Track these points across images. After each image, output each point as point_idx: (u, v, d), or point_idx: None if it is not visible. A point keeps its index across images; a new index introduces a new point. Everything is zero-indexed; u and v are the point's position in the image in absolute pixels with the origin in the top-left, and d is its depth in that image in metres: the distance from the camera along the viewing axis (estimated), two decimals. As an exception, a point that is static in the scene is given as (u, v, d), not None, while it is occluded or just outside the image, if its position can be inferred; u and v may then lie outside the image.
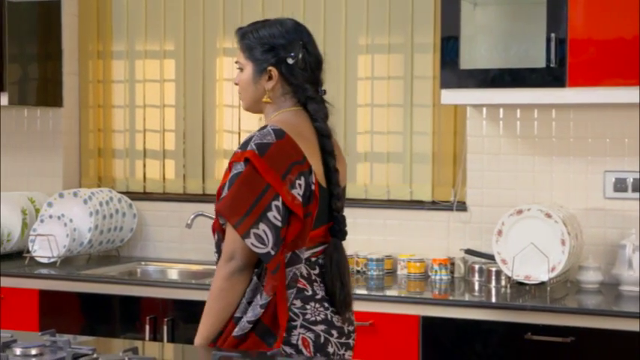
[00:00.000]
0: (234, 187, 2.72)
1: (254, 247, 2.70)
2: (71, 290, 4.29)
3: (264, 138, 2.75)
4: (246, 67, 2.91)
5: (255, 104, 2.94)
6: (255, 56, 2.89)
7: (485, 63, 4.11)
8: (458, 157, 4.45)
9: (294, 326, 2.77)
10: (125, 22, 5.02)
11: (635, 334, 3.47)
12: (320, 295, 2.83)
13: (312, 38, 2.95)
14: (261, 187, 2.71)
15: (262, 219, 2.70)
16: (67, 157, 5.09)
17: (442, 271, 4.23)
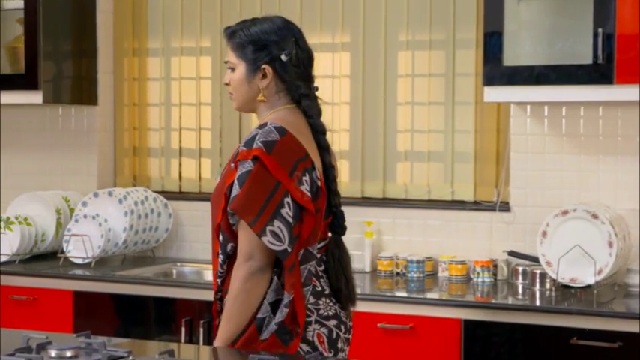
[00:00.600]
0: (246, 186, 2.76)
1: (271, 245, 2.73)
2: (106, 291, 4.29)
3: (269, 136, 2.79)
4: (239, 67, 2.95)
5: (248, 103, 2.98)
6: (248, 55, 2.93)
7: (529, 59, 4.06)
8: (501, 156, 4.41)
9: (309, 322, 2.83)
10: (161, 19, 5.03)
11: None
12: (328, 291, 2.90)
13: (302, 34, 3.01)
14: (272, 185, 2.75)
15: (276, 216, 2.74)
16: (101, 156, 5.10)
17: (485, 274, 4.19)
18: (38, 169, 5.16)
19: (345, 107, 4.67)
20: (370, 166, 4.62)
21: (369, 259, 4.46)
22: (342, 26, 4.66)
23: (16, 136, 5.21)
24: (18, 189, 5.07)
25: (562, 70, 3.87)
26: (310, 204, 2.81)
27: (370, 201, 4.61)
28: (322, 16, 4.68)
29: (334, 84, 4.68)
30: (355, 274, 4.31)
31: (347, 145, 4.67)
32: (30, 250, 4.71)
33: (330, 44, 4.68)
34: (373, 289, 4.15)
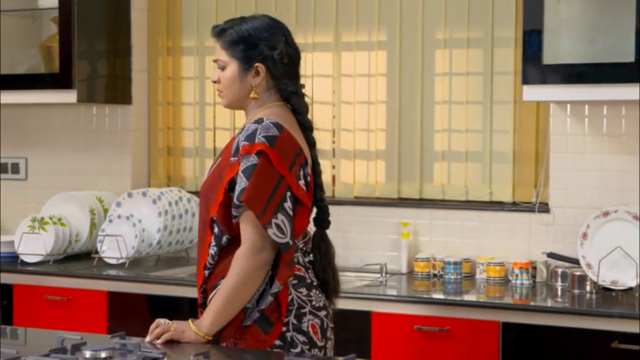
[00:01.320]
0: (253, 179, 2.86)
1: (276, 237, 2.84)
2: (140, 292, 4.32)
3: (268, 131, 2.90)
4: (230, 65, 3.01)
5: (238, 101, 3.06)
6: (241, 53, 3.00)
7: (569, 58, 4.04)
8: (540, 156, 4.39)
9: (303, 313, 2.94)
10: (195, 17, 5.05)
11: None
12: (316, 282, 3.02)
13: (290, 32, 3.09)
14: (275, 179, 2.87)
15: (280, 209, 2.86)
16: (135, 155, 5.13)
17: (523, 276, 4.17)
18: (72, 169, 5.20)
19: (382, 106, 4.67)
20: (407, 166, 4.62)
21: (405, 261, 4.46)
22: (378, 24, 4.66)
23: (50, 136, 5.26)
24: (52, 189, 5.12)
25: (603, 69, 3.85)
26: (307, 198, 2.96)
27: (407, 202, 4.60)
28: (358, 14, 4.69)
29: (370, 83, 4.68)
30: (392, 275, 4.37)
31: (383, 144, 4.67)
32: (64, 251, 4.75)
33: (366, 42, 4.69)
34: (409, 291, 4.15)
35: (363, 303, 3.92)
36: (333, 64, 4.75)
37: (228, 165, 2.93)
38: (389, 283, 4.27)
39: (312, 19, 4.77)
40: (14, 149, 5.32)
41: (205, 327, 2.88)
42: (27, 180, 5.31)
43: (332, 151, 4.77)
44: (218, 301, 2.88)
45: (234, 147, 2.93)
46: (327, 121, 4.77)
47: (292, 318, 2.92)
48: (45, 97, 4.84)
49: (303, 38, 4.78)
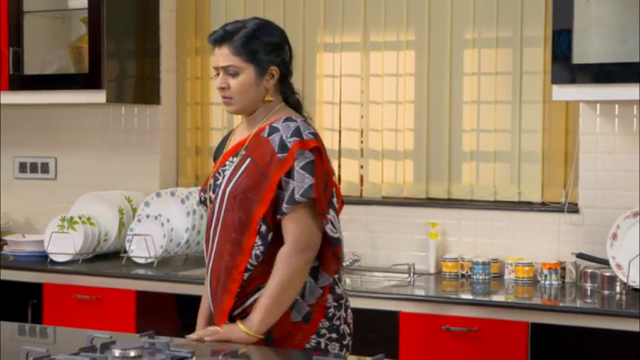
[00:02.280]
0: (316, 175, 2.90)
1: (331, 233, 2.95)
2: (168, 291, 4.34)
3: (308, 128, 2.96)
4: (246, 70, 3.00)
5: (252, 106, 3.05)
6: (258, 57, 3.00)
7: (599, 57, 4.02)
8: (570, 156, 4.37)
9: (347, 306, 3.07)
10: (223, 18, 5.06)
11: None
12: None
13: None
14: (324, 175, 2.95)
15: (330, 205, 2.97)
16: (164, 155, 5.15)
17: (552, 276, 4.16)
18: (101, 168, 5.23)
19: (410, 106, 4.67)
20: (435, 166, 4.62)
21: (433, 261, 4.45)
22: (406, 24, 4.66)
23: (80, 136, 5.29)
24: (81, 188, 5.15)
25: (633, 68, 3.82)
26: (340, 194, 3.08)
27: (435, 202, 4.60)
28: (387, 13, 4.68)
29: (399, 82, 4.68)
30: (420, 275, 4.37)
31: (411, 144, 4.66)
32: (93, 250, 4.78)
33: (394, 42, 4.68)
34: (438, 292, 4.15)
35: (391, 303, 3.92)
36: (362, 64, 4.75)
37: (275, 163, 2.92)
38: (417, 284, 4.26)
39: (341, 19, 4.78)
40: (44, 149, 5.35)
41: (255, 326, 2.90)
42: (56, 180, 5.34)
43: (360, 151, 4.77)
44: (266, 300, 2.90)
45: (278, 144, 2.92)
46: (356, 121, 4.77)
47: (342, 312, 3.03)
48: (74, 98, 4.87)
49: (331, 38, 4.79)
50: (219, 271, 3.00)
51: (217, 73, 3.04)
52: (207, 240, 3.07)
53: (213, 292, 3.04)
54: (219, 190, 3.01)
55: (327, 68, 4.82)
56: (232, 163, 3.02)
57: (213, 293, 3.04)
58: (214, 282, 3.02)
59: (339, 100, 4.80)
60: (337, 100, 4.81)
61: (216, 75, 3.05)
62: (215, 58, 3.04)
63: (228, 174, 3.01)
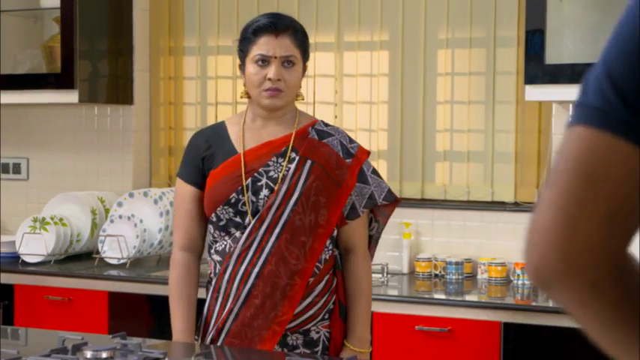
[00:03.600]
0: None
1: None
2: (141, 292, 4.32)
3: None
4: (299, 64, 2.97)
5: (292, 101, 3.05)
6: (307, 54, 3.02)
7: (572, 57, 4.04)
8: (542, 157, 4.39)
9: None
10: (197, 18, 5.06)
11: None
12: None
13: None
14: None
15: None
16: (137, 155, 5.14)
17: (525, 276, 4.17)
18: (73, 169, 5.21)
19: (384, 106, 4.68)
20: (408, 166, 4.63)
21: (406, 261, 4.47)
22: (380, 24, 4.67)
23: (52, 136, 5.27)
24: (53, 189, 5.13)
25: (605, 69, 3.84)
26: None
27: (408, 202, 4.61)
28: (360, 14, 4.69)
29: (372, 83, 4.69)
30: (393, 275, 4.38)
31: (385, 144, 4.68)
32: (65, 251, 4.76)
33: (368, 42, 4.69)
34: (411, 291, 4.16)
35: (365, 303, 3.92)
36: (335, 64, 4.76)
37: (344, 167, 2.96)
38: (390, 284, 4.28)
39: (315, 19, 4.78)
40: (16, 149, 5.33)
41: (367, 341, 3.04)
42: (28, 180, 5.32)
43: (334, 151, 4.78)
44: (366, 311, 3.03)
45: (341, 149, 2.99)
46: (329, 121, 4.74)
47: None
48: (47, 98, 4.85)
49: (304, 38, 4.79)
50: (277, 276, 2.88)
51: (260, 62, 2.90)
52: (247, 244, 2.90)
53: (269, 295, 2.88)
54: (283, 194, 2.90)
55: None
56: (279, 164, 2.93)
57: (269, 295, 2.88)
58: (264, 284, 2.88)
59: (313, 100, 4.81)
60: (311, 100, 4.81)
61: (261, 63, 2.90)
62: (270, 45, 2.90)
63: (284, 175, 2.91)
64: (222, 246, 2.94)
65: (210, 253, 3.02)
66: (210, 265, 3.01)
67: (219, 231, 2.95)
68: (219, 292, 2.94)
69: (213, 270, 3.00)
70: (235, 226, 2.91)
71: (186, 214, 2.99)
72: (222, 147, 2.96)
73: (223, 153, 2.95)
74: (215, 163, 2.94)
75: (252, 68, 2.92)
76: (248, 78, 2.94)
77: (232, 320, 2.90)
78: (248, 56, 2.94)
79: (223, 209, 2.90)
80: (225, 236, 2.94)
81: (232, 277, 2.91)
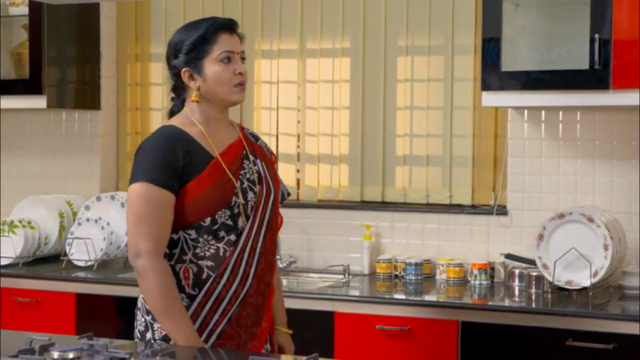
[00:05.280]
0: None
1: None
2: (108, 294, 4.31)
3: None
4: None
5: None
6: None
7: (527, 65, 4.08)
8: (498, 161, 4.42)
9: None
10: (163, 25, 5.05)
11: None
12: None
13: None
14: None
15: None
16: (104, 160, 5.12)
17: (482, 276, 4.20)
18: (42, 172, 5.18)
19: (345, 112, 4.69)
20: (369, 170, 4.64)
21: (367, 262, 4.48)
22: (342, 32, 4.68)
23: (20, 141, 5.23)
24: (21, 192, 5.10)
25: (559, 76, 3.89)
26: None
27: (369, 204, 4.63)
28: (323, 22, 4.70)
29: (334, 89, 4.70)
30: (354, 276, 4.39)
31: (346, 149, 4.69)
32: (33, 254, 4.73)
33: (330, 49, 4.70)
34: (372, 292, 4.17)
35: (327, 303, 3.93)
36: (298, 70, 4.76)
37: (273, 165, 3.07)
38: (352, 284, 4.29)
39: (278, 27, 4.79)
40: (-16, 153, 5.29)
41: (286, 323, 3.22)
42: (-3, 184, 5.29)
43: (297, 156, 4.79)
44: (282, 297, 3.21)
45: (267, 149, 3.09)
46: (292, 126, 4.79)
47: None
48: (15, 103, 4.83)
49: (269, 45, 4.80)
50: (264, 271, 2.95)
51: (226, 59, 2.89)
52: (245, 246, 2.89)
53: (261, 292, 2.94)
54: (268, 194, 2.96)
55: (265, 75, 4.83)
56: (250, 168, 2.95)
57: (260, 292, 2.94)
58: (258, 283, 2.92)
59: (277, 106, 4.81)
60: (274, 106, 4.82)
61: (226, 61, 2.89)
62: (230, 42, 2.90)
63: (258, 176, 2.96)
64: (214, 250, 2.85)
65: (189, 260, 2.85)
66: (187, 272, 2.86)
67: (208, 235, 2.84)
68: (211, 296, 2.86)
69: (195, 276, 2.86)
70: (226, 229, 2.85)
71: (161, 221, 2.79)
72: (196, 151, 2.86)
73: (201, 157, 2.86)
74: (195, 168, 2.84)
75: (218, 66, 2.89)
76: (214, 77, 2.89)
77: (226, 323, 2.88)
78: (208, 57, 2.89)
79: (223, 212, 2.85)
80: (212, 240, 2.85)
81: (230, 280, 2.87)
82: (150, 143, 2.88)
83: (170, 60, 2.98)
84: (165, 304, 2.78)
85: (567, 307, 3.69)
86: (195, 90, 2.92)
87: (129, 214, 2.82)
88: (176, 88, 3.01)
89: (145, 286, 2.81)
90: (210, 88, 2.91)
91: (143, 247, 2.77)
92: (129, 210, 2.82)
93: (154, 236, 2.78)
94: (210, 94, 2.92)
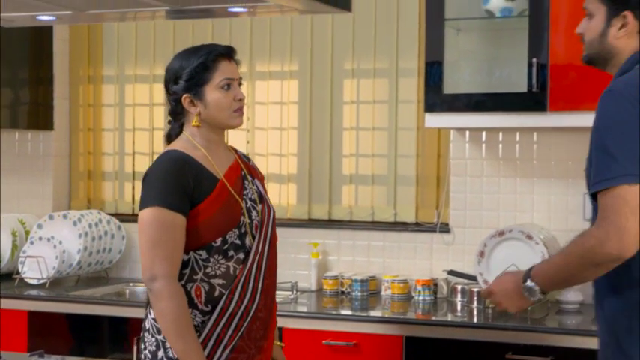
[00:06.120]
0: None
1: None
2: (60, 311, 4.27)
3: None
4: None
5: None
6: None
7: (468, 87, 4.12)
8: (441, 180, 4.46)
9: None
10: (115, 47, 5.04)
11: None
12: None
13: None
14: None
15: None
16: (57, 179, 5.08)
17: (425, 292, 4.23)
18: (-5, 192, 5.14)
19: (293, 132, 4.71)
20: (317, 189, 4.66)
21: (315, 279, 4.48)
22: (290, 55, 4.70)
23: (-26, 160, 5.18)
24: (-25, 212, 5.05)
25: (499, 98, 3.93)
26: None
27: (316, 222, 4.64)
28: (272, 45, 4.72)
29: (283, 110, 4.71)
30: (302, 292, 4.39)
31: (295, 168, 4.70)
32: (-14, 272, 4.68)
33: (279, 72, 4.72)
34: (319, 308, 4.18)
35: (275, 319, 3.93)
36: (248, 92, 4.77)
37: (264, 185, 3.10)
38: (299, 300, 4.29)
39: (227, 50, 4.78)
40: (-62, 173, 5.23)
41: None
42: (-50, 203, 5.23)
43: (246, 175, 4.78)
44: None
45: (257, 169, 3.14)
46: (242, 146, 4.78)
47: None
48: (-31, 123, 4.78)
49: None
50: (269, 285, 2.98)
51: (226, 86, 2.93)
52: (253, 264, 2.92)
53: (267, 306, 2.97)
54: (268, 212, 3.00)
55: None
56: (250, 188, 2.99)
57: (267, 307, 2.97)
58: (265, 298, 2.95)
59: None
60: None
61: (226, 87, 2.93)
62: (229, 69, 2.96)
63: (258, 195, 3.00)
64: (224, 269, 2.87)
65: (200, 279, 2.86)
66: (199, 290, 2.86)
67: (218, 254, 2.86)
68: (226, 313, 2.87)
69: (207, 293, 2.87)
70: (235, 248, 2.88)
71: (175, 244, 2.80)
72: (202, 174, 2.88)
73: (208, 180, 2.88)
74: (204, 190, 2.86)
75: (219, 93, 2.92)
76: (215, 103, 2.92)
77: (239, 337, 2.89)
78: (210, 84, 2.92)
79: (233, 232, 2.88)
80: (222, 259, 2.87)
81: (242, 296, 2.89)
82: (159, 168, 2.88)
83: (169, 85, 2.97)
84: (178, 326, 2.78)
85: (507, 321, 3.72)
86: (196, 115, 2.94)
87: (142, 239, 2.82)
88: (175, 112, 3.00)
89: (160, 308, 2.80)
90: (211, 114, 2.94)
91: (159, 270, 2.78)
92: (142, 234, 2.82)
93: (168, 259, 2.79)
94: (211, 119, 2.95)
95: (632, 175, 2.41)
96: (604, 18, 2.65)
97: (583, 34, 2.72)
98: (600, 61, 2.71)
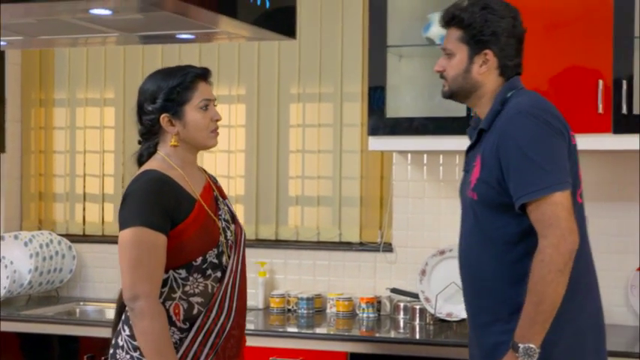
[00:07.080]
0: None
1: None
2: (11, 330, 4.22)
3: None
4: None
5: None
6: None
7: (410, 112, 4.15)
8: (384, 201, 4.48)
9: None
10: (67, 72, 5.00)
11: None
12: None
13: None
14: None
15: None
16: (8, 201, 5.02)
17: (369, 310, 4.24)
18: (-54, 213, 5.06)
19: (241, 155, 4.70)
20: (264, 209, 4.66)
21: (262, 297, 4.47)
22: (238, 79, 4.71)
23: None
24: None
25: (439, 122, 3.96)
26: None
27: (264, 242, 4.63)
28: (220, 69, 4.72)
29: (230, 133, 4.71)
30: (249, 311, 4.37)
31: (242, 190, 4.69)
32: (-63, 292, 4.60)
33: (227, 96, 4.72)
34: (266, 325, 4.17)
35: (223, 337, 3.91)
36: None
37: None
38: (247, 318, 4.25)
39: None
40: None
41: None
42: None
43: (195, 196, 4.77)
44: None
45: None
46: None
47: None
48: None
49: (168, 92, 4.78)
50: (242, 306, 2.97)
51: (204, 107, 2.91)
52: (229, 282, 2.91)
53: (240, 325, 2.98)
54: (240, 232, 3.00)
55: (165, 119, 4.81)
56: (223, 208, 2.98)
57: (240, 325, 2.98)
58: (238, 316, 2.94)
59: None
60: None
61: (205, 108, 2.91)
62: (207, 90, 2.94)
63: (232, 218, 3.00)
64: (203, 287, 2.85)
65: (179, 297, 2.83)
66: (177, 308, 2.84)
67: (197, 273, 2.83)
68: (202, 330, 2.84)
69: (185, 311, 2.84)
70: (213, 267, 2.86)
71: (157, 264, 2.75)
72: (182, 194, 2.85)
73: (186, 200, 2.85)
74: (183, 210, 2.82)
75: (198, 113, 2.90)
76: (194, 124, 2.89)
77: (214, 355, 2.87)
78: (189, 104, 2.89)
79: (212, 252, 2.86)
80: (200, 278, 2.84)
81: (219, 314, 2.87)
82: (140, 188, 2.83)
83: (144, 105, 2.92)
84: (159, 345, 2.74)
85: (448, 337, 3.75)
86: (174, 135, 2.90)
87: (124, 258, 2.76)
88: (149, 132, 2.94)
89: (142, 327, 2.75)
90: (189, 134, 2.91)
91: (141, 290, 2.73)
92: (123, 254, 2.76)
93: (150, 279, 2.74)
94: (190, 139, 2.92)
95: (563, 182, 2.63)
96: (466, 56, 2.87)
97: (444, 72, 2.94)
98: (462, 95, 2.94)
